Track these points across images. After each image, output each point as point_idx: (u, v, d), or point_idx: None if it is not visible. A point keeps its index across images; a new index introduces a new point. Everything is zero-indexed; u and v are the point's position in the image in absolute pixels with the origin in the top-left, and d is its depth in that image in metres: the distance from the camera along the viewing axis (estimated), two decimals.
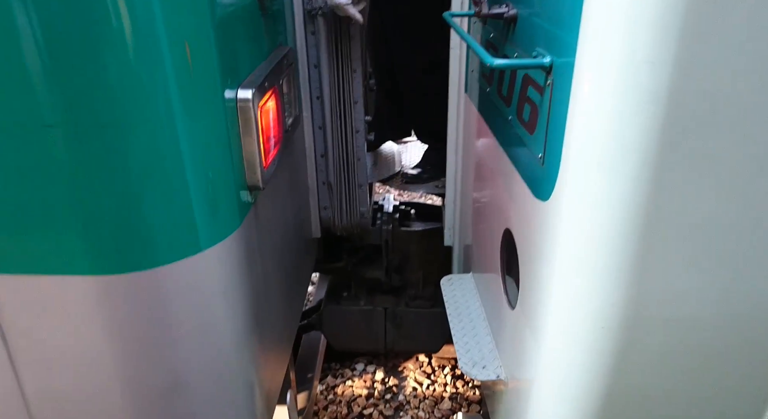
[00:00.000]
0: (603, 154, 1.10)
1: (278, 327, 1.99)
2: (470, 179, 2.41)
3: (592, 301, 1.28)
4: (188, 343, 1.41)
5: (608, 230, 1.14)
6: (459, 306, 2.16)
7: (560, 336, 1.41)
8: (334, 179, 2.60)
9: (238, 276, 1.50)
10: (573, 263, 1.26)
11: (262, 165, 1.55)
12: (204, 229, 1.35)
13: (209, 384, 1.50)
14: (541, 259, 1.40)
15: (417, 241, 3.28)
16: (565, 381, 1.47)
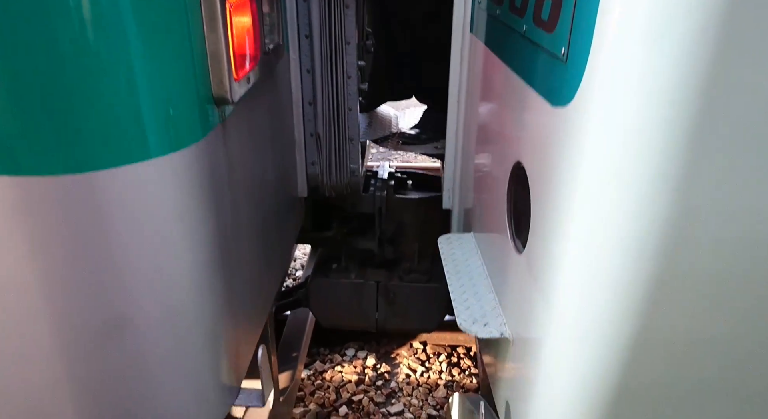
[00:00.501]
0: (649, 23, 0.87)
1: (253, 281, 1.76)
2: (472, 136, 2.18)
3: (621, 228, 1.05)
4: (135, 272, 1.18)
5: (651, 122, 0.91)
6: (458, 264, 1.93)
7: (578, 280, 1.18)
8: (323, 131, 2.36)
9: (199, 201, 1.27)
10: (599, 177, 1.03)
11: (232, 75, 1.32)
12: (155, 132, 1.12)
13: (162, 328, 1.26)
14: (558, 184, 1.17)
15: (413, 210, 3.05)
16: (581, 337, 1.24)
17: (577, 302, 1.22)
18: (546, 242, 1.28)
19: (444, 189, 2.47)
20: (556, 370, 1.34)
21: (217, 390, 1.51)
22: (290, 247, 2.39)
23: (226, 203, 1.45)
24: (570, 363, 1.29)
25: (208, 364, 1.45)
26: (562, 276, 1.24)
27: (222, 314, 1.47)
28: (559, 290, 1.26)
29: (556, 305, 1.28)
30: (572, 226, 1.13)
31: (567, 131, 1.10)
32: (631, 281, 1.08)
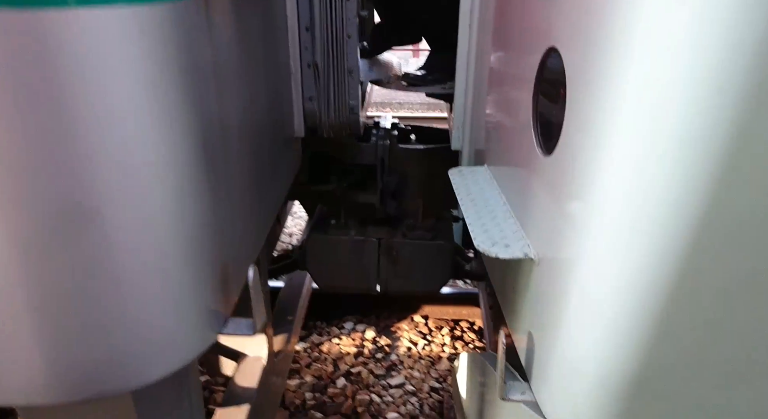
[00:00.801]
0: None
1: (244, 202, 1.56)
2: (486, 61, 1.98)
3: (683, 110, 0.85)
4: (99, 151, 0.97)
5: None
6: (472, 193, 1.72)
7: (625, 180, 0.98)
8: (321, 60, 2.16)
9: (177, 79, 1.06)
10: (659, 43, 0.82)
11: None
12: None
13: (135, 224, 1.06)
14: (605, 59, 0.97)
15: (418, 161, 2.85)
16: (625, 251, 1.04)
17: (623, 208, 1.01)
18: (585, 137, 1.08)
19: (453, 127, 2.27)
20: (593, 291, 1.14)
21: (202, 314, 1.31)
22: (285, 187, 2.18)
23: (211, 98, 1.25)
24: (609, 283, 1.09)
25: (192, 280, 1.25)
26: (604, 176, 1.04)
27: (207, 224, 1.27)
28: (599, 195, 1.06)
29: (594, 215, 1.08)
30: (623, 111, 0.93)
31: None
32: (692, 184, 0.87)
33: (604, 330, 1.12)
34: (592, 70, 1.04)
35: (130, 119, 1.00)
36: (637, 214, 0.99)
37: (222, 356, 2.49)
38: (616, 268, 1.07)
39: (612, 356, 1.10)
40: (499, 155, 1.77)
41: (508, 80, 1.62)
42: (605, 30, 0.98)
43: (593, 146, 1.06)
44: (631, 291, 1.06)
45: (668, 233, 0.97)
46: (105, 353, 1.18)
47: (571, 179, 1.17)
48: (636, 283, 1.04)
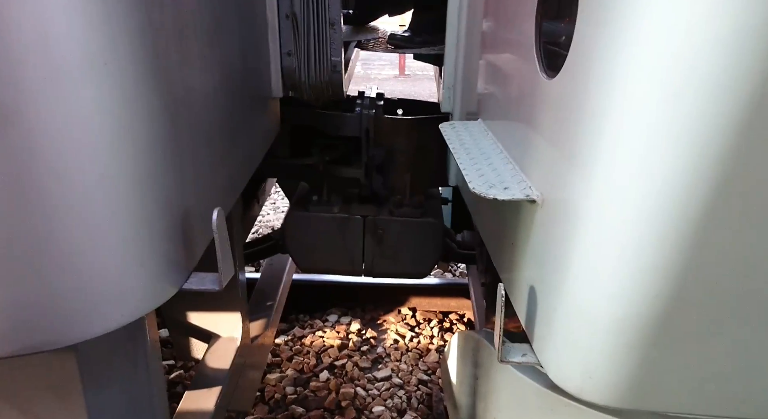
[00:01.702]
0: None
1: (210, 149, 1.38)
2: (480, 5, 1.83)
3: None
4: (8, 32, 0.80)
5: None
6: (465, 142, 1.56)
7: (644, 95, 0.83)
8: (300, 10, 1.99)
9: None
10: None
11: None
12: None
13: (65, 129, 0.88)
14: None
15: (405, 133, 2.68)
16: (644, 181, 0.88)
17: (641, 133, 0.86)
18: (598, 48, 0.93)
19: (444, 88, 2.11)
20: (603, 237, 0.98)
21: (159, 262, 1.12)
22: (261, 147, 2.01)
23: (166, 13, 1.07)
24: (627, 214, 0.93)
25: (145, 219, 1.06)
26: (619, 94, 0.88)
27: (164, 155, 1.09)
28: (613, 116, 0.90)
29: (610, 137, 0.93)
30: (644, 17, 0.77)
31: None
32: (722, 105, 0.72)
33: (621, 264, 0.95)
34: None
35: (55, 3, 0.82)
36: (660, 139, 0.83)
37: (193, 338, 2.30)
38: (635, 196, 0.91)
39: (630, 294, 0.94)
40: (495, 93, 1.61)
41: (505, 9, 1.46)
42: None
43: (607, 62, 0.90)
44: (652, 220, 0.90)
45: (696, 160, 0.81)
46: (37, 297, 0.99)
47: (580, 102, 1.02)
48: (659, 209, 0.88)
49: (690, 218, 0.84)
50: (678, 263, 0.89)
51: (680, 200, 0.83)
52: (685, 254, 0.89)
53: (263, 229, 5.67)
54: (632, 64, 0.83)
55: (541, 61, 1.18)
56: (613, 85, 0.88)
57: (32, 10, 0.81)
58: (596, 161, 0.96)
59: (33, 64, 0.83)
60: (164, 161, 1.11)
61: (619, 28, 0.85)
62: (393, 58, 14.91)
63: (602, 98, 0.93)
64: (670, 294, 0.91)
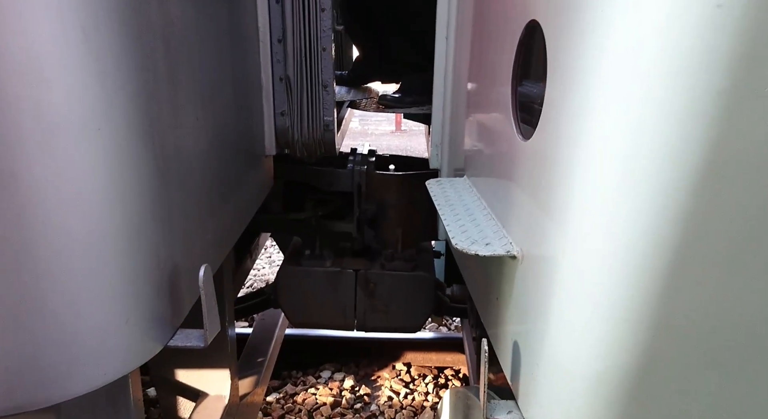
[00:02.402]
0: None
1: (201, 201, 1.42)
2: (464, 73, 1.92)
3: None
4: (12, 97, 0.85)
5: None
6: (450, 199, 1.61)
7: (607, 158, 0.88)
8: (293, 73, 2.08)
9: (114, 18, 0.95)
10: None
11: None
12: None
13: (55, 189, 0.92)
14: (586, 30, 0.89)
15: (396, 188, 2.74)
16: (613, 244, 0.92)
17: (608, 191, 0.90)
18: (565, 115, 0.99)
19: (431, 145, 2.18)
20: (578, 291, 1.01)
21: (143, 318, 1.14)
22: (254, 203, 2.05)
23: (162, 74, 1.14)
24: (597, 275, 0.96)
25: (130, 275, 1.08)
26: (585, 157, 0.93)
27: (152, 210, 1.13)
28: (581, 178, 0.95)
29: (578, 200, 0.97)
30: (604, 86, 0.83)
31: None
32: (681, 169, 0.77)
33: (596, 324, 0.97)
34: (573, 44, 0.96)
35: (52, 70, 0.88)
36: (624, 197, 0.87)
37: (180, 396, 2.26)
38: (604, 251, 0.94)
39: (607, 348, 0.95)
40: (479, 156, 1.67)
41: (488, 67, 1.54)
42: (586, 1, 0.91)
43: (574, 124, 0.96)
44: (621, 276, 0.92)
45: (658, 217, 0.85)
46: (19, 356, 1.00)
47: (552, 162, 1.07)
48: (626, 265, 0.91)
49: (656, 274, 0.87)
50: (648, 317, 0.91)
51: (645, 256, 0.86)
52: (655, 308, 0.91)
53: (258, 283, 5.65)
54: (595, 130, 0.88)
55: (518, 124, 1.24)
56: (579, 148, 0.93)
57: (30, 77, 0.86)
58: (568, 218, 1.00)
59: (28, 128, 0.88)
60: (153, 218, 1.14)
61: (582, 98, 0.91)
62: (389, 114, 15.28)
63: (570, 160, 0.98)
64: (644, 348, 0.93)
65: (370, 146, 3.02)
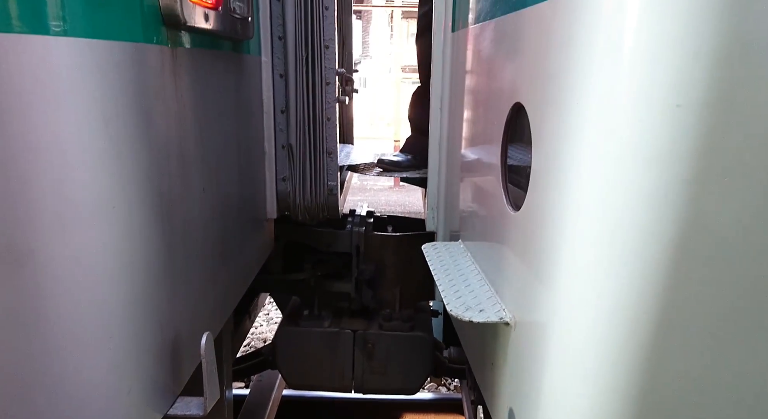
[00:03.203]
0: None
1: (204, 270, 1.47)
2: (458, 139, 2.02)
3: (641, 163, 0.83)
4: (36, 181, 0.91)
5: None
6: (446, 263, 1.66)
7: (586, 234, 0.94)
8: (296, 141, 2.18)
9: (130, 110, 1.03)
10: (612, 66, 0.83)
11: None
12: (77, 9, 0.91)
13: (69, 267, 0.97)
14: (565, 109, 0.97)
15: (394, 249, 2.79)
16: (594, 316, 0.97)
17: (586, 267, 0.96)
18: (550, 189, 1.06)
19: (428, 208, 2.25)
20: (567, 359, 1.05)
21: (145, 385, 1.16)
22: (254, 266, 2.09)
23: (171, 148, 1.22)
24: (586, 343, 1.01)
25: (134, 343, 1.12)
26: (570, 228, 1.00)
27: (158, 281, 1.18)
28: (567, 248, 1.01)
29: (563, 270, 1.03)
30: (583, 164, 0.91)
31: (571, 8, 0.92)
32: (653, 241, 0.83)
33: (586, 387, 1.00)
34: (554, 127, 1.04)
35: (75, 158, 0.95)
36: (609, 267, 0.93)
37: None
38: (589, 321, 0.98)
39: (597, 416, 0.98)
40: (472, 223, 1.73)
41: (479, 141, 1.63)
42: (564, 87, 0.99)
43: (558, 199, 1.03)
44: (606, 343, 0.96)
45: (642, 285, 0.90)
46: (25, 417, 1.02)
47: (540, 233, 1.13)
48: (611, 334, 0.95)
49: (644, 341, 0.91)
50: (635, 385, 0.94)
51: (629, 324, 0.91)
52: (644, 376, 0.94)
53: (255, 341, 5.59)
54: (578, 205, 0.95)
55: (508, 197, 1.31)
56: (564, 221, 0.99)
57: (53, 160, 0.94)
58: (558, 287, 1.05)
59: (49, 208, 0.94)
60: (158, 288, 1.19)
61: (564, 176, 0.98)
62: None
63: (557, 232, 1.03)
64: (635, 415, 0.96)
65: (369, 206, 3.10)
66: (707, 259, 0.83)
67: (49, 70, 0.89)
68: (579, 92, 0.90)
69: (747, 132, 0.75)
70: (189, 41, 1.30)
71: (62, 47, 0.90)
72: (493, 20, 1.47)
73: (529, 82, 1.21)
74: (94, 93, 0.94)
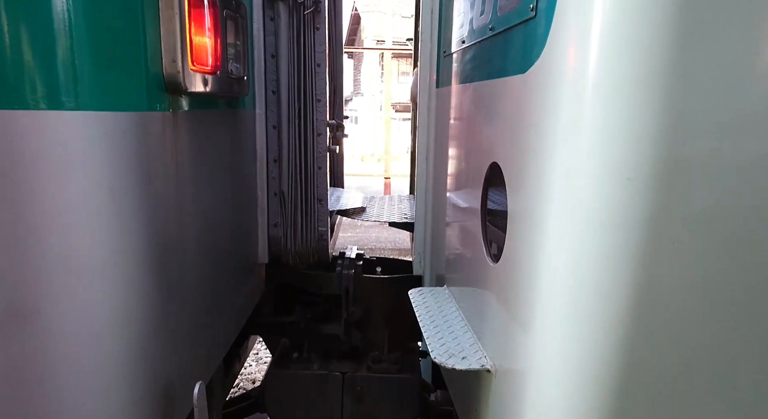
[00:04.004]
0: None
1: (197, 320, 1.52)
2: (442, 194, 2.11)
3: (601, 213, 0.93)
4: (38, 242, 0.98)
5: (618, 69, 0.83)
6: (431, 310, 1.72)
7: (558, 282, 1.02)
8: (287, 189, 2.26)
9: (134, 176, 1.11)
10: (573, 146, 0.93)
11: (186, 61, 1.25)
12: (87, 85, 1.00)
13: (73, 324, 1.03)
14: (533, 168, 1.06)
15: (383, 291, 2.84)
16: (569, 360, 1.04)
17: (557, 321, 1.04)
18: (524, 243, 1.14)
19: (414, 253, 2.33)
20: (542, 411, 1.11)
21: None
22: (245, 311, 2.14)
23: (169, 210, 1.29)
24: (562, 392, 1.08)
25: (130, 394, 1.17)
26: (543, 279, 1.08)
27: (155, 336, 1.23)
28: (537, 304, 1.09)
29: (536, 321, 1.10)
30: (550, 219, 0.99)
31: (540, 85, 1.03)
32: (617, 284, 0.92)
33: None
34: (526, 186, 1.13)
35: (82, 221, 1.03)
36: (573, 321, 1.00)
37: None
38: (564, 376, 1.05)
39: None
40: (456, 271, 1.80)
41: (461, 194, 1.72)
42: (535, 155, 1.08)
43: (531, 255, 1.11)
44: (580, 398, 1.03)
45: (603, 341, 0.97)
46: None
47: (516, 286, 1.21)
48: (583, 389, 1.02)
49: (605, 394, 0.98)
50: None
51: (595, 375, 0.98)
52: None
53: (244, 382, 5.54)
54: (548, 265, 1.03)
55: (488, 249, 1.39)
56: (537, 278, 1.07)
57: (63, 226, 1.01)
58: (535, 337, 1.12)
59: (55, 268, 1.01)
60: (154, 340, 1.24)
61: (536, 231, 1.06)
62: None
63: (531, 287, 1.11)
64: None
65: (360, 244, 3.16)
66: (661, 315, 0.91)
67: (62, 141, 0.97)
68: (548, 162, 1.00)
69: (688, 203, 0.84)
70: (188, 104, 1.39)
71: (74, 120, 0.98)
72: (473, 83, 1.58)
73: (504, 146, 1.31)
74: (102, 160, 1.03)
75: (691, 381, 0.96)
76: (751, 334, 0.94)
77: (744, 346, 0.94)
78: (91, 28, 1.01)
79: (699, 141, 0.83)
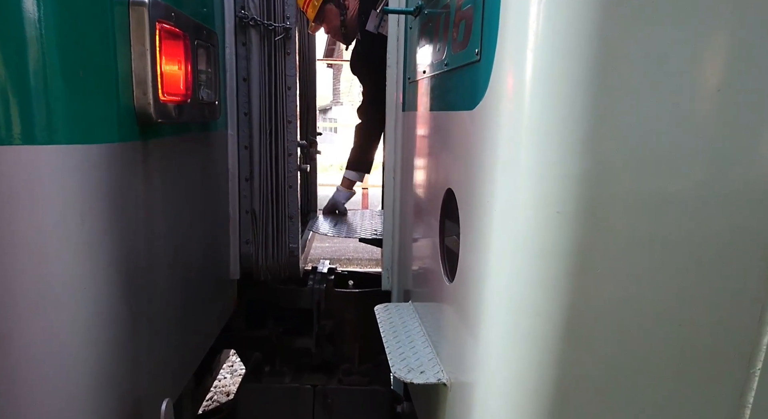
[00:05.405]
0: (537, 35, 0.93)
1: (166, 339, 1.57)
2: (410, 210, 2.20)
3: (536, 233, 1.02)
4: (10, 268, 1.04)
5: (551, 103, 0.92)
6: (395, 325, 1.80)
7: (499, 305, 1.11)
8: (259, 207, 2.33)
9: (105, 204, 1.17)
10: (511, 174, 1.02)
11: (157, 92, 1.32)
12: (60, 119, 1.07)
13: (42, 351, 1.08)
14: (479, 196, 1.15)
15: (354, 305, 2.91)
16: (509, 372, 1.13)
17: (501, 330, 1.13)
18: (473, 263, 1.23)
19: (383, 269, 2.40)
20: (489, 417, 1.20)
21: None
22: (216, 326, 2.19)
23: (140, 234, 1.35)
24: (499, 407, 1.16)
25: (99, 414, 1.22)
26: (490, 297, 1.17)
27: (123, 355, 1.29)
28: (483, 322, 1.18)
29: (482, 338, 1.19)
30: (492, 246, 1.09)
31: (484, 123, 1.12)
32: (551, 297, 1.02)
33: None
34: (474, 215, 1.22)
35: (53, 246, 1.08)
36: (511, 341, 1.09)
37: None
38: (507, 388, 1.14)
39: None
40: (420, 287, 1.89)
41: (423, 215, 1.81)
42: (481, 184, 1.17)
43: (479, 277, 1.20)
44: (521, 411, 1.12)
45: (538, 361, 1.06)
46: None
47: (466, 304, 1.29)
48: (525, 404, 1.11)
49: (542, 408, 1.07)
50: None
51: (534, 390, 1.07)
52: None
53: (218, 395, 5.53)
54: (492, 289, 1.12)
55: (445, 269, 1.47)
56: (483, 298, 1.16)
57: (34, 254, 1.06)
58: (479, 353, 1.21)
59: (26, 294, 1.06)
60: (122, 359, 1.29)
61: (484, 252, 1.15)
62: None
63: (478, 306, 1.20)
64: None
65: (335, 254, 3.23)
66: (590, 334, 1.01)
67: (35, 174, 1.03)
68: (490, 194, 1.09)
69: (610, 234, 0.94)
70: (159, 132, 1.45)
71: (47, 154, 1.04)
72: (432, 112, 1.67)
73: (457, 175, 1.40)
74: (74, 191, 1.09)
75: (619, 393, 1.06)
76: (667, 347, 1.05)
77: (664, 359, 1.04)
78: (66, 64, 1.07)
79: (619, 181, 0.93)
